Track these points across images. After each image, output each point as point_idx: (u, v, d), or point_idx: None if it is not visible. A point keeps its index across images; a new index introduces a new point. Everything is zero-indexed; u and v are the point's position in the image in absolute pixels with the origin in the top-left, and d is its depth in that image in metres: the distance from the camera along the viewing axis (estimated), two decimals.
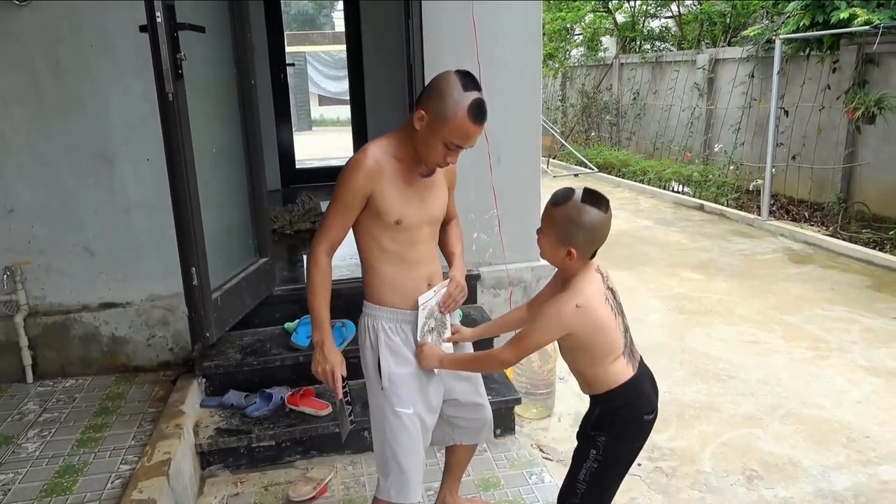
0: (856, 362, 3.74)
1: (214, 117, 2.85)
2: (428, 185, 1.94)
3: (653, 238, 6.57)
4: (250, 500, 2.56)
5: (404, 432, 1.92)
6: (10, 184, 2.99)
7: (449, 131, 1.76)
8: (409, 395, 1.93)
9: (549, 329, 1.72)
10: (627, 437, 1.83)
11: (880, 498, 2.59)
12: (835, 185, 6.78)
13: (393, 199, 1.85)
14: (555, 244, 1.72)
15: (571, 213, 1.69)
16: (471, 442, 2.26)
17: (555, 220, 1.71)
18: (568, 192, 1.71)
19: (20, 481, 2.34)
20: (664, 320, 4.40)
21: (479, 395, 2.18)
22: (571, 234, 1.69)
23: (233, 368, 2.95)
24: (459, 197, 3.33)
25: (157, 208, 3.03)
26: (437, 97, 1.76)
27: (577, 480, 1.84)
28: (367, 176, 1.82)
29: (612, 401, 1.79)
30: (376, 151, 1.86)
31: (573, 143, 11.66)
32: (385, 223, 1.87)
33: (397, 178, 1.86)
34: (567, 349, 1.80)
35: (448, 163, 1.85)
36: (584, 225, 1.68)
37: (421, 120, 1.79)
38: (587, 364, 1.79)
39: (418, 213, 1.91)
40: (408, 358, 1.95)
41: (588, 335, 1.73)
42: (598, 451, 1.80)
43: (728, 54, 8.59)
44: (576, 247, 1.69)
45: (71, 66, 2.92)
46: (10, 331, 3.06)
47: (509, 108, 3.37)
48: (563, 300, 1.71)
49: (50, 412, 2.83)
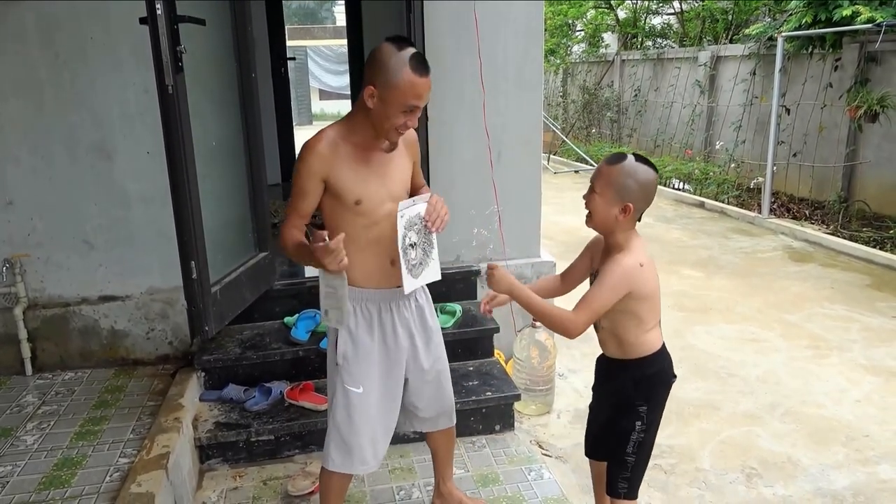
0: (855, 361, 3.74)
1: (215, 111, 2.84)
2: (385, 162, 1.98)
3: (653, 235, 6.56)
4: (249, 494, 2.56)
5: (350, 409, 2.01)
6: (8, 176, 2.98)
7: (402, 94, 1.80)
8: (360, 374, 2.00)
9: (616, 288, 1.78)
10: (662, 401, 1.94)
11: (879, 497, 2.59)
12: (836, 184, 6.77)
13: (349, 180, 1.90)
14: (610, 202, 1.78)
15: (630, 169, 1.77)
16: (429, 430, 2.29)
17: (611, 178, 1.78)
18: (621, 154, 1.81)
19: (19, 473, 2.33)
20: (663, 318, 4.36)
21: (440, 382, 2.20)
22: (629, 190, 1.76)
23: (232, 362, 2.95)
24: (460, 192, 3.35)
25: (156, 202, 3.02)
26: (380, 68, 1.81)
27: (626, 455, 1.94)
28: (320, 160, 1.88)
29: (647, 367, 1.90)
30: (330, 135, 1.91)
31: (574, 140, 11.64)
32: (345, 205, 1.92)
33: (353, 160, 1.91)
34: (616, 311, 1.83)
35: (409, 126, 1.88)
36: (641, 181, 1.77)
37: (372, 97, 1.83)
38: (632, 327, 1.86)
39: (378, 191, 1.95)
40: (364, 339, 2.00)
41: (642, 298, 1.81)
42: (642, 421, 1.90)
43: (730, 52, 8.56)
44: (633, 202, 1.76)
45: (70, 58, 2.91)
46: (10, 323, 3.05)
47: (510, 104, 3.36)
48: (627, 259, 1.79)
49: (49, 405, 2.83)
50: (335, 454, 2.04)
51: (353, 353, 2.01)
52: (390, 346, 2.05)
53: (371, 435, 2.05)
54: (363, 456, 2.05)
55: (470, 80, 3.26)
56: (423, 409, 2.20)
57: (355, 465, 2.05)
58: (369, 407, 2.03)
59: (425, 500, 2.49)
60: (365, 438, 2.04)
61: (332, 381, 2.05)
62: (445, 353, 2.23)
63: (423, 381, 2.15)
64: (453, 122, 3.30)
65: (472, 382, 2.99)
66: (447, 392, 2.24)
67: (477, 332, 3.17)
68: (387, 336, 2.05)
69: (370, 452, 2.06)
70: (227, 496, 2.55)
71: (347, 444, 2.03)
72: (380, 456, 2.10)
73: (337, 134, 1.92)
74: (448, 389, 2.24)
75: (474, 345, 3.20)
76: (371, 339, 2.02)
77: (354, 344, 2.01)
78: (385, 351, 2.05)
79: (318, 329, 3.06)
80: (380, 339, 2.04)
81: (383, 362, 2.05)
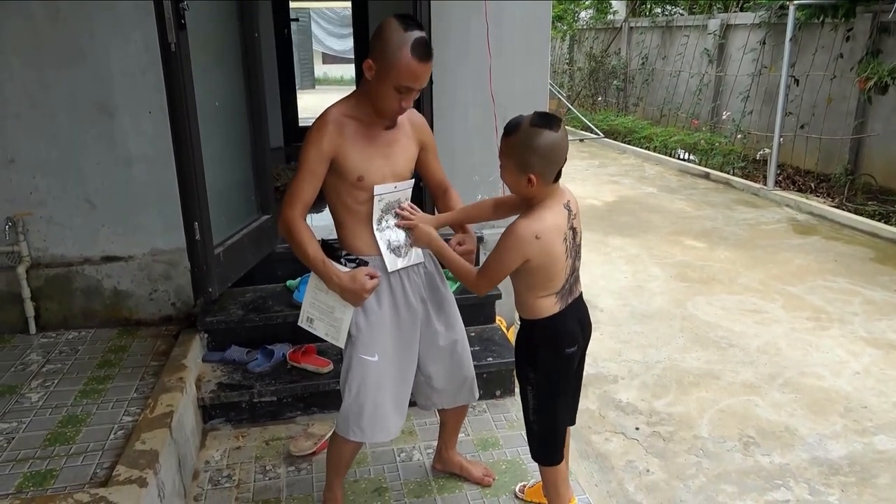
0: (856, 334, 3.75)
1: (217, 70, 2.80)
2: (390, 142, 1.97)
3: (657, 205, 6.53)
4: (252, 453, 2.59)
5: (367, 377, 1.99)
6: (9, 133, 2.96)
7: (397, 74, 1.79)
8: (374, 342, 1.99)
9: (508, 256, 1.76)
10: (554, 370, 1.89)
11: (875, 467, 2.62)
12: (842, 156, 6.71)
13: (354, 157, 1.90)
14: (514, 174, 1.73)
15: (523, 138, 1.69)
16: (449, 405, 2.27)
17: (510, 150, 1.73)
18: (518, 119, 1.73)
19: (24, 430, 2.36)
20: (665, 287, 4.40)
21: (455, 350, 2.18)
22: (528, 160, 1.69)
23: (235, 324, 2.96)
24: (464, 158, 3.32)
25: (158, 162, 3.00)
26: (381, 44, 1.80)
27: (528, 419, 1.96)
28: (329, 141, 1.88)
29: (537, 329, 1.86)
30: (336, 113, 1.91)
31: (579, 108, 11.52)
32: (348, 180, 1.92)
33: (359, 137, 1.91)
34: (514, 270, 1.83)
35: (403, 108, 1.87)
36: (539, 148, 1.68)
37: (370, 70, 1.83)
38: (521, 288, 1.86)
39: (381, 168, 1.94)
40: (374, 308, 2.00)
41: (534, 267, 1.77)
42: (532, 386, 1.91)
43: (740, 20, 8.41)
44: (534, 172, 1.70)
45: (70, 14, 2.86)
46: (13, 282, 3.06)
47: (516, 68, 3.31)
48: (523, 228, 1.74)
49: (53, 363, 2.85)
50: (353, 425, 2.00)
51: (366, 322, 1.99)
52: (402, 313, 2.04)
53: (391, 401, 2.03)
54: (386, 424, 2.02)
55: (476, 43, 3.21)
56: (436, 379, 2.17)
57: (377, 434, 2.03)
58: (385, 374, 2.01)
59: (426, 462, 2.52)
60: (386, 406, 2.02)
61: (346, 351, 2.03)
62: (462, 323, 2.20)
63: (436, 347, 2.13)
64: (458, 86, 3.26)
65: (473, 348, 2.98)
66: (465, 362, 2.19)
67: (479, 299, 3.16)
68: (398, 304, 2.03)
69: (392, 420, 2.04)
70: (229, 455, 2.59)
71: (368, 413, 1.99)
72: (401, 423, 2.08)
73: (341, 112, 1.92)
74: (467, 360, 2.20)
75: (476, 311, 3.20)
76: (382, 308, 2.01)
77: (366, 313, 1.99)
78: (397, 318, 2.03)
79: None
80: (391, 306, 2.02)
81: (396, 329, 2.03)
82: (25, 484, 2.06)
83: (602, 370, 3.37)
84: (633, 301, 4.16)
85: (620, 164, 8.80)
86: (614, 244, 5.34)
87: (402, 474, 2.47)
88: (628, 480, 2.55)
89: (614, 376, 3.31)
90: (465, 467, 2.42)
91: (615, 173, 8.14)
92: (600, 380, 3.28)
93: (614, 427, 2.89)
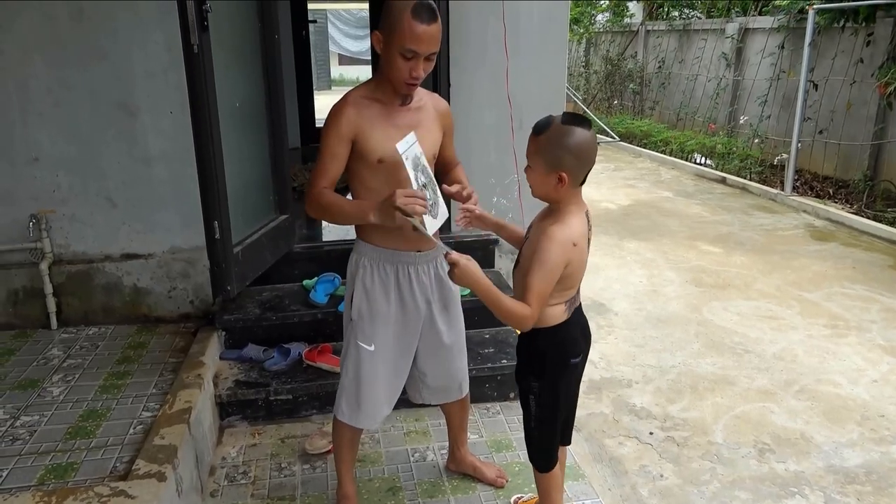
0: (874, 341, 3.71)
1: (238, 71, 2.82)
2: (413, 124, 1.96)
3: (673, 210, 6.50)
4: (268, 451, 2.62)
5: (361, 365, 2.05)
6: (32, 132, 3.00)
7: (399, 38, 1.79)
8: (373, 333, 2.03)
9: (558, 266, 1.69)
10: (559, 379, 1.87)
11: (892, 476, 2.59)
12: (862, 162, 6.64)
13: (375, 138, 1.90)
14: (544, 173, 1.69)
15: (555, 136, 1.66)
16: (440, 401, 2.31)
17: (540, 148, 1.69)
18: (548, 119, 1.70)
19: (46, 423, 2.40)
20: (681, 292, 4.38)
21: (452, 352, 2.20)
22: (560, 158, 1.65)
23: (252, 323, 2.99)
24: (480, 160, 3.33)
25: (178, 161, 3.04)
26: (386, 13, 1.84)
27: (529, 428, 1.95)
28: (348, 120, 1.89)
29: (541, 339, 1.82)
30: (355, 95, 1.94)
31: (595, 111, 11.49)
32: (368, 162, 1.92)
33: (379, 118, 1.92)
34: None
35: (413, 77, 1.84)
36: (572, 146, 1.65)
37: (378, 42, 1.85)
38: None
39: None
40: (379, 299, 2.02)
41: (566, 274, 1.72)
42: (535, 396, 1.89)
43: (758, 24, 8.35)
44: (566, 170, 1.66)
45: (93, 14, 2.90)
46: (36, 278, 3.11)
47: (533, 70, 3.31)
48: (562, 234, 1.68)
49: (73, 358, 2.89)
50: (345, 406, 2.11)
51: (368, 311, 2.03)
52: (408, 311, 2.06)
53: (379, 393, 2.09)
54: (370, 412, 2.10)
55: (493, 44, 3.22)
56: (430, 377, 2.21)
57: (361, 420, 2.11)
58: (378, 366, 2.06)
59: (439, 463, 2.54)
60: (376, 395, 2.09)
61: (347, 335, 2.10)
62: (464, 326, 2.23)
63: (436, 347, 2.15)
64: (475, 87, 3.27)
65: (487, 350, 3.01)
66: (459, 364, 2.24)
67: None
68: (405, 300, 2.05)
69: (380, 410, 2.12)
70: (245, 452, 2.61)
71: (356, 398, 2.08)
72: (387, 413, 2.15)
73: (361, 94, 1.94)
74: (461, 362, 2.25)
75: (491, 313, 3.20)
76: (387, 301, 2.03)
77: (370, 302, 2.02)
78: (401, 315, 2.06)
79: (336, 292, 3.08)
80: (397, 301, 2.04)
81: (397, 325, 2.06)
82: (47, 476, 2.10)
83: (616, 374, 3.36)
84: (648, 305, 4.15)
85: (636, 167, 8.76)
86: (629, 248, 5.32)
87: (416, 474, 2.48)
88: (642, 485, 2.54)
89: (629, 380, 3.30)
90: (478, 468, 2.44)
91: (631, 177, 8.11)
92: (614, 384, 3.27)
93: (628, 431, 2.88)
